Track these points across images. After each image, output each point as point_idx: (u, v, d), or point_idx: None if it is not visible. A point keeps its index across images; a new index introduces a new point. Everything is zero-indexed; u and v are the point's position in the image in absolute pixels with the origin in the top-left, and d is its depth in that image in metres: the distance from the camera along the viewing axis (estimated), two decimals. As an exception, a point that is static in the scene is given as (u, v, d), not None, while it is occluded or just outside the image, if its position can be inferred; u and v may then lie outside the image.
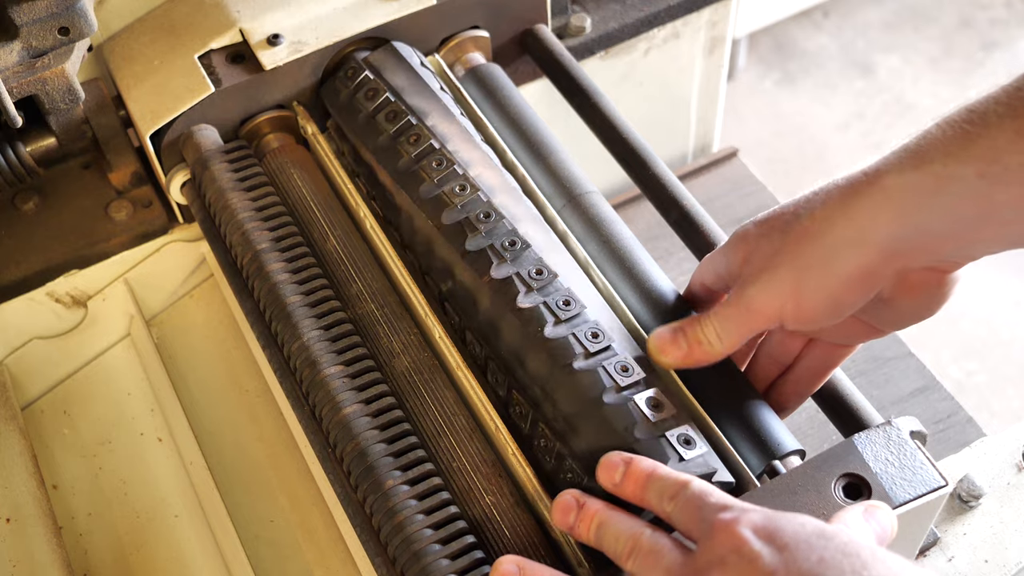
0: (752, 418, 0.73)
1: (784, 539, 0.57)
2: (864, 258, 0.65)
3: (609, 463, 0.67)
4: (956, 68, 2.48)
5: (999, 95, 0.61)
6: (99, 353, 0.98)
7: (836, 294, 0.66)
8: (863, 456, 0.67)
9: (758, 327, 0.70)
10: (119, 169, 0.95)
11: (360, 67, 0.89)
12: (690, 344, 0.71)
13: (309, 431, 0.78)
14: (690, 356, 0.71)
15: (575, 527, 0.68)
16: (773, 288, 0.68)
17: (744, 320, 0.70)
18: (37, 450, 0.91)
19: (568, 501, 0.68)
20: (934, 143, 0.62)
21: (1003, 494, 0.79)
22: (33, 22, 0.79)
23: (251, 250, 0.83)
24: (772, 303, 0.68)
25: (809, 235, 0.67)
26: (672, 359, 0.72)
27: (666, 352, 0.72)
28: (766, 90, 2.50)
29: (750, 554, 0.57)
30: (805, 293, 0.67)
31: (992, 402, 1.98)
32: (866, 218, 0.64)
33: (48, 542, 0.83)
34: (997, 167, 0.60)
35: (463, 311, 0.78)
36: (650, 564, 0.62)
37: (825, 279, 0.66)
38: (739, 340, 0.70)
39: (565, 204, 0.86)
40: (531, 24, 1.00)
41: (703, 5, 1.10)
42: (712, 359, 0.71)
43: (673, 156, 1.24)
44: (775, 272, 0.68)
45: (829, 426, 0.80)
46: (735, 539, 0.58)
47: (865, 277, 0.65)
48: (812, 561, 0.56)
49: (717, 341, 0.71)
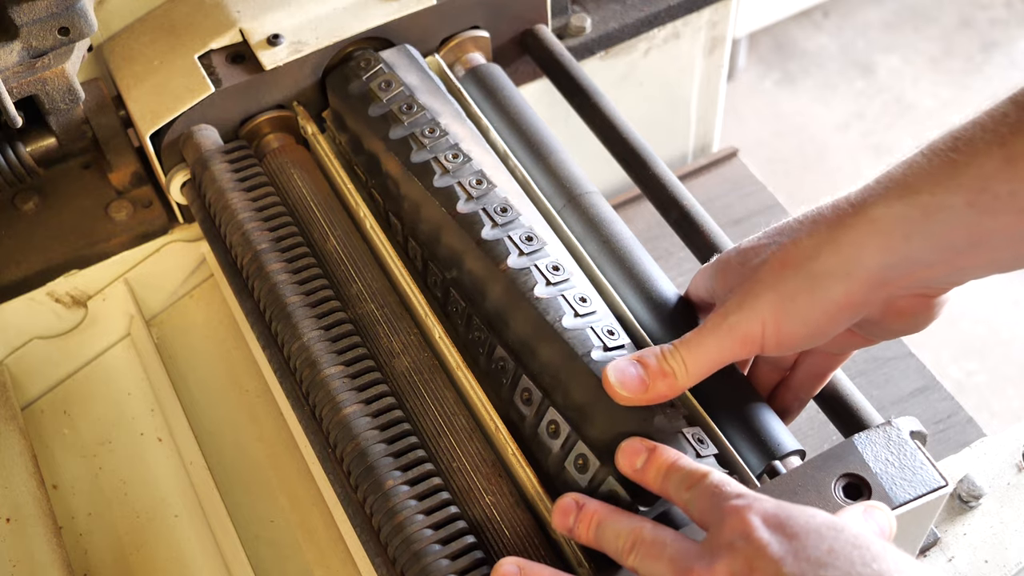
0: (752, 418, 0.73)
1: (794, 528, 0.58)
2: (850, 288, 0.64)
3: (631, 449, 0.67)
4: (956, 68, 2.48)
5: (984, 121, 0.60)
6: (99, 353, 0.98)
7: (819, 323, 0.66)
8: (863, 456, 0.67)
9: (730, 357, 0.68)
10: (119, 169, 0.95)
11: (374, 59, 0.89)
12: (651, 376, 0.67)
13: (309, 431, 0.78)
14: (651, 389, 0.67)
15: (575, 529, 0.68)
16: (753, 316, 0.66)
17: (717, 350, 0.68)
18: (37, 450, 0.91)
19: (568, 503, 0.68)
20: (920, 172, 0.62)
21: (1003, 494, 0.79)
22: (33, 22, 0.79)
23: (251, 250, 0.83)
24: (752, 331, 0.67)
25: (793, 263, 0.66)
26: (631, 393, 0.67)
27: (624, 386, 0.67)
28: (766, 90, 2.50)
29: (758, 541, 0.57)
30: (786, 320, 0.66)
31: (992, 402, 1.98)
32: (853, 248, 0.64)
33: (48, 542, 0.83)
34: (986, 195, 0.60)
35: (470, 299, 0.79)
36: (654, 554, 0.62)
37: (809, 308, 0.65)
38: (707, 372, 0.68)
39: (565, 204, 0.86)
40: (531, 24, 1.00)
41: (703, 5, 1.10)
42: (676, 393, 0.68)
43: (673, 156, 1.24)
44: (755, 301, 0.67)
45: (829, 426, 0.80)
46: (744, 525, 0.58)
47: (850, 307, 0.65)
48: (821, 551, 0.56)
49: (684, 374, 0.67)
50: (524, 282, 0.75)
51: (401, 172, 0.84)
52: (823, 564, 0.56)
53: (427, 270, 0.83)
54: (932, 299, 0.68)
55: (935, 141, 0.62)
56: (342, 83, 0.90)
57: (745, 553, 0.58)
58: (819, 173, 2.35)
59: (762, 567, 0.57)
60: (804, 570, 0.56)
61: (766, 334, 0.67)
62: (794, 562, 0.56)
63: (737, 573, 0.57)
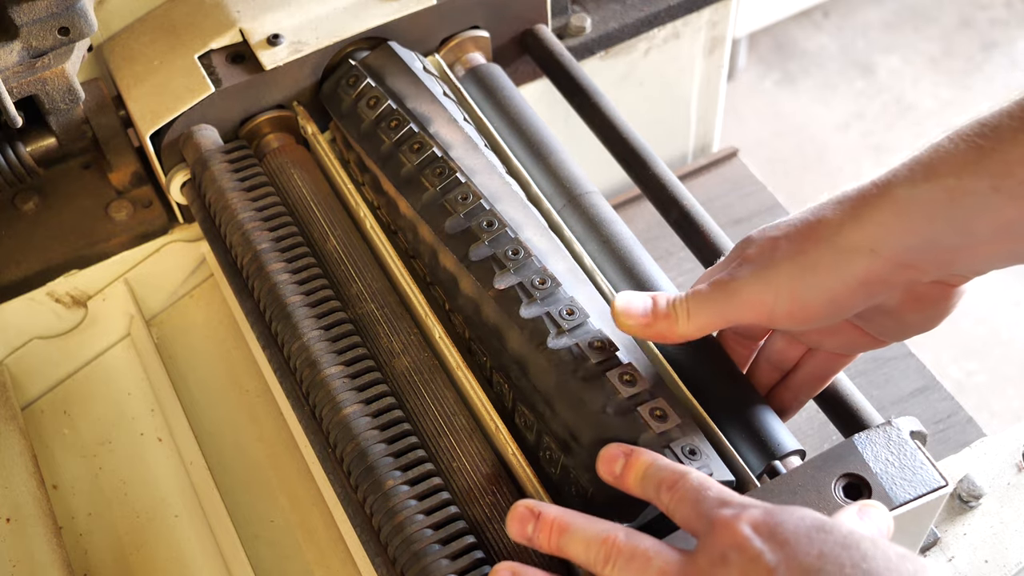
0: (752, 418, 0.73)
1: (784, 535, 0.57)
2: (874, 265, 0.64)
3: (609, 455, 0.67)
4: (956, 68, 2.48)
5: (1013, 109, 0.60)
6: (99, 353, 0.98)
7: (838, 297, 0.65)
8: (863, 456, 0.67)
9: (735, 318, 0.68)
10: (119, 169, 0.95)
11: (362, 74, 0.89)
12: (655, 314, 0.69)
13: (309, 431, 0.78)
14: (651, 327, 0.69)
15: (534, 538, 0.64)
16: (767, 282, 0.66)
17: (723, 307, 0.67)
18: (37, 450, 0.91)
19: (522, 512, 0.65)
20: (946, 156, 0.62)
21: (1003, 494, 0.79)
22: (33, 22, 0.79)
23: (251, 250, 0.83)
24: (763, 297, 0.66)
25: (817, 237, 0.65)
26: (634, 323, 0.69)
27: (629, 315, 0.69)
28: (766, 90, 2.50)
29: (751, 552, 0.57)
30: (805, 291, 0.65)
31: (992, 402, 1.98)
32: (876, 227, 0.63)
33: (48, 542, 0.83)
34: (1011, 181, 0.60)
35: (469, 322, 0.78)
36: (637, 567, 0.60)
37: (829, 280, 0.65)
38: (708, 326, 0.68)
39: (565, 204, 0.86)
40: (531, 24, 1.00)
41: (703, 5, 1.10)
42: (674, 338, 0.69)
43: (673, 156, 1.24)
44: (774, 268, 0.66)
45: (829, 426, 0.80)
46: (736, 536, 0.58)
47: (871, 284, 0.65)
48: (812, 556, 0.56)
49: (685, 319, 0.68)
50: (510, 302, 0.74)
51: (395, 192, 0.83)
52: (814, 570, 0.55)
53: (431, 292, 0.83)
54: (952, 288, 0.67)
55: (961, 127, 0.62)
56: (336, 104, 0.90)
57: (739, 565, 0.57)
58: (819, 173, 2.35)
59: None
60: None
61: (778, 303, 0.66)
62: (787, 571, 0.56)
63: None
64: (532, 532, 0.65)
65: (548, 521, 0.64)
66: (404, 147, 0.84)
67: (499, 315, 0.75)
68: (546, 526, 0.64)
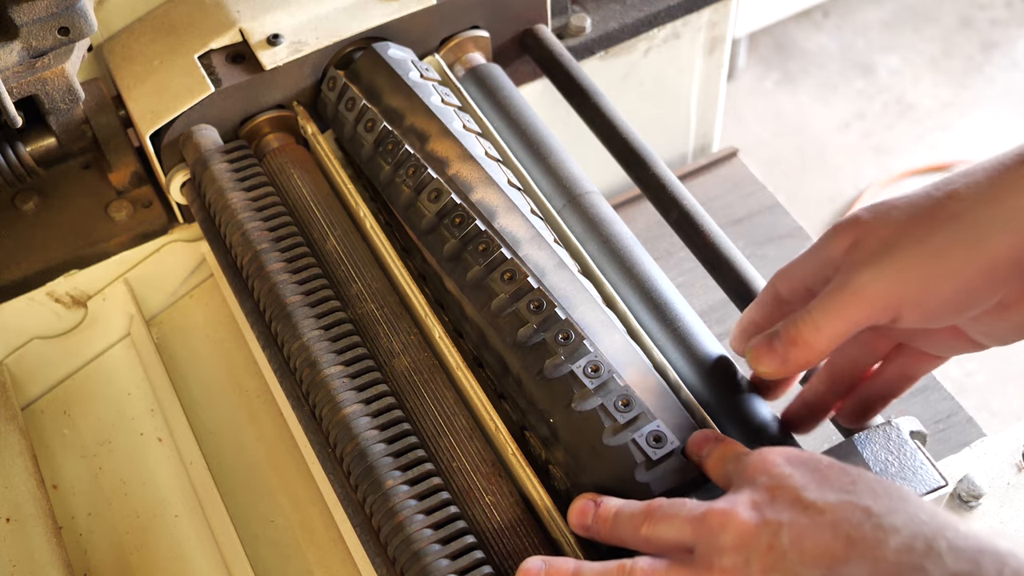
0: (752, 418, 0.73)
1: (818, 464, 0.57)
2: (1016, 243, 0.56)
3: (702, 437, 0.67)
4: (956, 68, 2.48)
5: None
6: (99, 353, 0.98)
7: (972, 283, 0.58)
8: (863, 456, 0.67)
9: (866, 320, 0.60)
10: (119, 169, 0.95)
11: (357, 97, 0.88)
12: (785, 347, 0.62)
13: (309, 431, 0.78)
14: (787, 362, 0.63)
15: (592, 527, 0.66)
16: (892, 273, 0.58)
17: (851, 311, 0.60)
18: (37, 450, 0.91)
19: (585, 504, 0.67)
20: None
21: (1003, 494, 0.79)
22: (33, 22, 0.79)
23: (251, 250, 0.83)
24: (891, 291, 0.58)
25: (945, 215, 0.57)
26: (769, 367, 0.64)
27: (762, 361, 0.64)
28: (766, 90, 2.50)
29: (780, 473, 0.57)
30: (935, 281, 0.57)
31: (992, 402, 1.98)
32: (1018, 198, 0.56)
33: (48, 542, 0.83)
34: None
35: (476, 346, 0.78)
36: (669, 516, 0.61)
37: (963, 264, 0.57)
38: (841, 336, 0.61)
39: (565, 204, 0.86)
40: (531, 24, 1.00)
41: (703, 5, 1.10)
42: (812, 360, 0.62)
43: (673, 156, 1.24)
44: (897, 255, 0.58)
45: (829, 426, 0.80)
46: (766, 463, 0.58)
47: (1010, 265, 0.57)
48: (844, 482, 0.55)
49: (815, 338, 0.61)
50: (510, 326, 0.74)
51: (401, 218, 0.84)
52: (846, 491, 0.54)
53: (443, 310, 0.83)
54: None
55: None
56: (340, 127, 0.90)
57: (767, 484, 0.57)
58: (819, 173, 2.35)
59: (783, 495, 0.56)
60: (825, 496, 0.55)
61: (906, 295, 0.58)
62: (816, 489, 0.55)
63: (758, 502, 0.56)
64: (591, 521, 0.66)
65: (605, 509, 0.65)
66: (401, 171, 0.83)
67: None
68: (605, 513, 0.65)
